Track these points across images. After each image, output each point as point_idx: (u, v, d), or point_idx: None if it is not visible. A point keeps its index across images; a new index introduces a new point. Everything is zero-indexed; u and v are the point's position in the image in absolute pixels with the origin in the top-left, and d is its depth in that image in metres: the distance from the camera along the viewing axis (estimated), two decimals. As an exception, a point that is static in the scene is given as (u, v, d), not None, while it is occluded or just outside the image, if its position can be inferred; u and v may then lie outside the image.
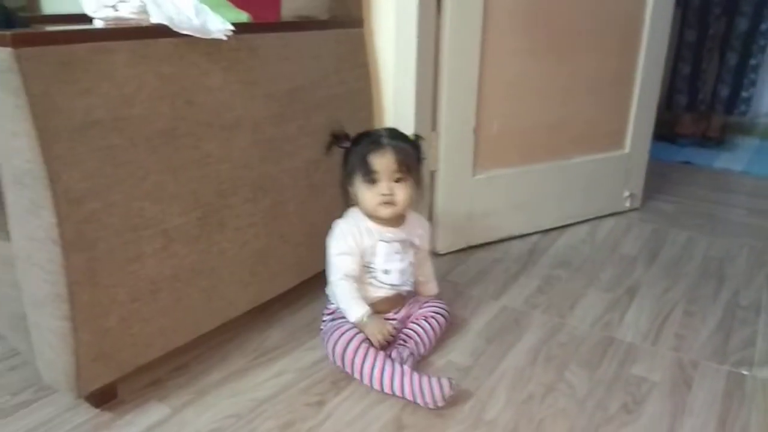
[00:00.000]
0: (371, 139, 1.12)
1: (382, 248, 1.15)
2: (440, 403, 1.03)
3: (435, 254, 1.62)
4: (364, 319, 1.11)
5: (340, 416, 1.03)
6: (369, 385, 1.07)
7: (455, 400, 1.06)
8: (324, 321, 1.18)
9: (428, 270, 1.29)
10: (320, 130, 1.26)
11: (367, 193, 1.12)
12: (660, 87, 1.86)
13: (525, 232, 1.74)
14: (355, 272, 1.13)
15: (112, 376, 1.02)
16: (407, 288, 1.20)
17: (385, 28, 1.39)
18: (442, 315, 1.22)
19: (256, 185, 1.15)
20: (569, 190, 1.77)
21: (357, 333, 1.10)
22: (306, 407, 1.05)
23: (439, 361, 1.18)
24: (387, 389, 1.06)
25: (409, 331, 1.18)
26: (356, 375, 1.09)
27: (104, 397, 1.05)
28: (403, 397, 1.05)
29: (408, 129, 1.45)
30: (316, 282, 1.37)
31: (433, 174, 1.57)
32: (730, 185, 2.27)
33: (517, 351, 1.22)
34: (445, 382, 1.03)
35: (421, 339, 1.16)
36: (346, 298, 1.12)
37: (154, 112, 0.96)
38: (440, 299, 1.27)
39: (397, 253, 1.16)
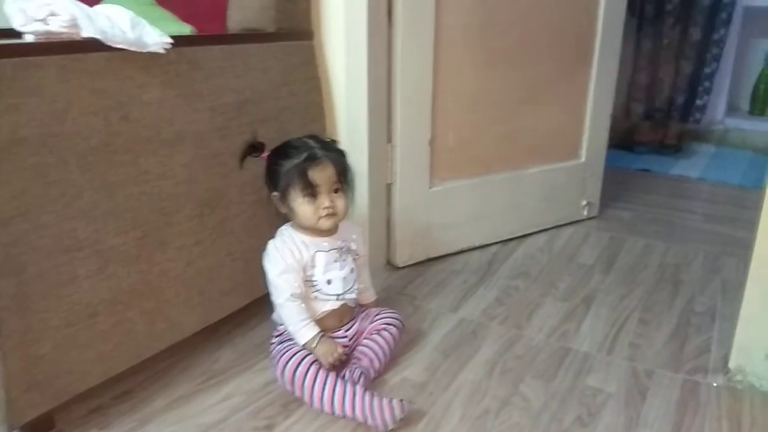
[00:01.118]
0: (305, 151, 1.07)
1: (320, 258, 1.11)
2: (390, 426, 1.00)
3: (393, 267, 1.60)
4: (315, 342, 1.08)
5: (289, 440, 1.00)
6: (320, 407, 1.04)
7: (409, 418, 1.03)
8: (273, 343, 1.14)
9: (366, 276, 1.25)
10: (270, 143, 1.23)
11: (307, 208, 1.08)
12: (614, 96, 1.88)
13: (484, 242, 1.73)
14: (300, 289, 1.09)
15: (47, 406, 0.96)
16: (353, 296, 1.17)
17: (336, 41, 1.38)
18: (395, 326, 1.18)
19: (202, 201, 1.11)
20: (527, 200, 1.77)
21: (306, 355, 1.06)
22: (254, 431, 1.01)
23: (393, 378, 1.15)
24: (338, 411, 1.03)
25: (363, 348, 1.15)
26: (306, 398, 1.05)
27: (40, 428, 1.00)
28: (354, 419, 1.02)
29: (362, 141, 1.44)
30: (267, 300, 1.34)
31: (389, 186, 1.55)
32: (687, 192, 2.31)
33: (473, 364, 1.20)
34: (396, 404, 1.01)
35: (376, 355, 1.14)
36: (295, 320, 1.08)
37: (88, 128, 0.92)
38: (392, 309, 1.24)
39: (335, 261, 1.13)
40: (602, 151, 1.89)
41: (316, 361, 1.06)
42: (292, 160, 1.07)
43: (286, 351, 1.08)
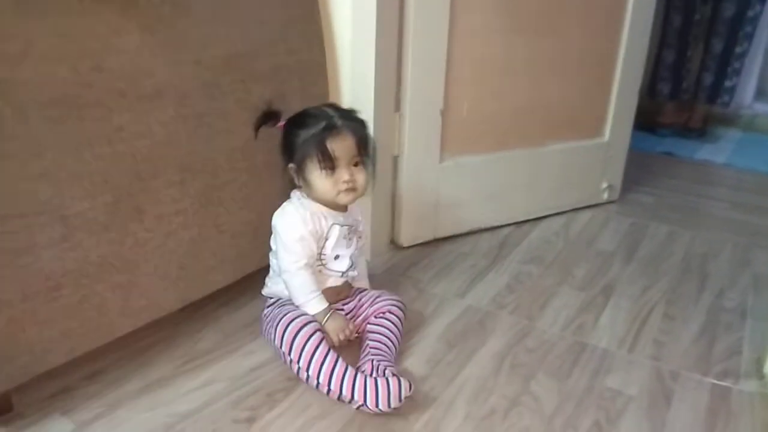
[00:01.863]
0: (324, 121, 0.99)
1: (334, 232, 1.04)
2: (396, 404, 0.91)
3: (398, 247, 1.49)
4: (326, 315, 1.01)
5: (272, 436, 0.89)
6: (315, 380, 0.94)
7: (407, 415, 0.93)
8: (265, 314, 1.06)
9: (362, 264, 1.18)
10: (264, 105, 1.11)
11: (326, 182, 1.00)
12: (643, 72, 1.73)
13: (495, 224, 1.61)
14: (313, 259, 1.03)
15: (2, 387, 0.86)
16: (354, 274, 1.11)
17: (342, -6, 1.24)
18: (399, 308, 1.10)
19: (183, 166, 0.99)
20: (543, 180, 1.64)
21: (310, 321, 0.99)
22: (233, 425, 0.91)
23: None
24: (335, 387, 0.93)
25: (374, 335, 1.05)
26: (303, 366, 0.95)
27: (-4, 411, 0.90)
28: (353, 397, 0.92)
29: (368, 109, 1.31)
30: (259, 277, 1.23)
31: (396, 159, 1.43)
32: (712, 178, 2.17)
33: (480, 357, 1.09)
34: (404, 381, 0.92)
35: (390, 341, 1.05)
36: (306, 290, 1.01)
37: (51, 76, 0.80)
38: (392, 293, 1.14)
39: (344, 238, 1.07)
40: (627, 131, 1.76)
41: (320, 329, 0.98)
42: (310, 129, 0.99)
43: (286, 314, 1.00)
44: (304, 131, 0.99)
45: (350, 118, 1.02)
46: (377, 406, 0.91)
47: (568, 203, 1.73)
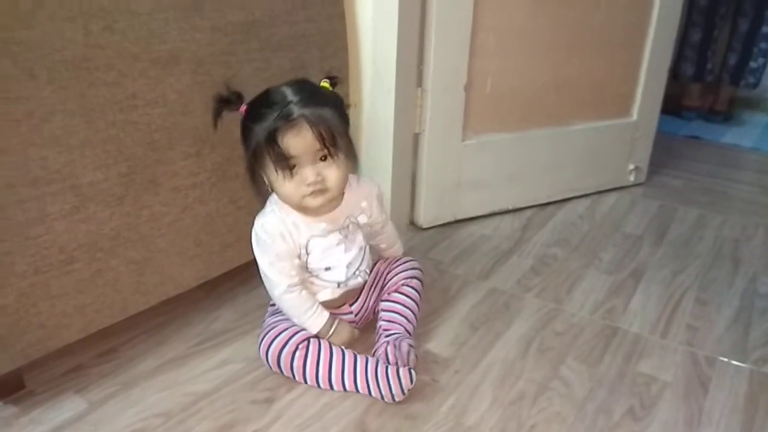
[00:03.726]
0: (275, 107, 0.80)
1: (316, 245, 0.91)
2: (399, 398, 0.87)
3: (417, 228, 1.44)
4: (329, 329, 0.93)
5: (291, 418, 0.85)
6: (317, 386, 0.90)
7: (431, 398, 0.89)
8: (267, 312, 1.00)
9: (390, 236, 1.07)
10: (284, 75, 1.06)
11: (287, 185, 0.83)
12: (673, 50, 1.67)
13: (518, 205, 1.56)
14: (297, 277, 0.91)
15: (14, 364, 0.83)
16: (358, 281, 0.97)
17: (364, -39, 1.19)
18: (416, 277, 1.03)
19: (200, 138, 0.95)
20: (569, 161, 1.59)
21: (292, 336, 0.90)
22: (251, 405, 0.87)
23: (420, 346, 1.00)
24: (338, 388, 0.89)
25: (387, 314, 0.99)
26: (299, 379, 0.91)
27: (7, 388, 0.88)
28: (356, 391, 0.89)
29: (389, 84, 1.27)
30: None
31: (417, 137, 1.38)
32: (740, 162, 2.10)
33: (506, 341, 1.04)
34: (403, 373, 0.87)
35: (407, 319, 0.98)
36: (298, 312, 0.91)
37: (61, 36, 0.76)
38: (409, 257, 1.08)
39: (338, 244, 0.92)
40: (656, 110, 1.69)
41: (306, 339, 0.90)
42: (262, 122, 0.80)
43: (267, 333, 0.92)
44: (257, 124, 0.81)
45: (311, 100, 0.81)
46: (381, 398, 0.87)
47: (594, 185, 1.67)
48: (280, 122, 0.80)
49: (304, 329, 0.91)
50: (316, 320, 0.92)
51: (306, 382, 0.90)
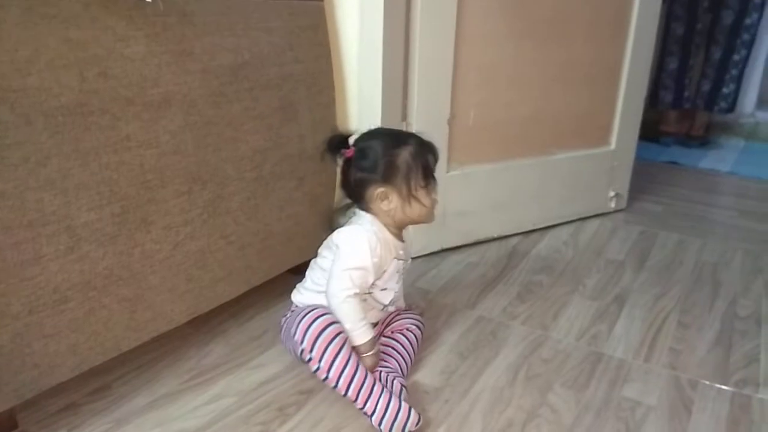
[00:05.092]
0: (410, 138, 0.99)
1: (392, 266, 1.01)
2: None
3: (405, 258, 1.47)
4: (370, 348, 0.97)
5: (284, 451, 0.87)
6: (334, 382, 0.91)
7: (422, 430, 0.90)
8: (285, 316, 1.04)
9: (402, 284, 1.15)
10: (271, 114, 1.10)
11: (427, 200, 0.99)
12: (648, 80, 1.73)
13: (503, 233, 1.60)
14: (365, 290, 0.99)
15: (7, 404, 0.84)
16: (391, 309, 1.08)
17: (348, 3, 1.23)
18: (418, 326, 1.09)
19: (192, 176, 0.98)
20: (551, 189, 1.63)
21: (334, 321, 0.94)
22: (244, 440, 0.88)
23: (408, 378, 1.02)
24: (352, 395, 0.90)
25: (390, 348, 1.03)
26: (323, 365, 0.91)
27: (1, 428, 0.88)
28: (363, 409, 0.89)
29: (375, 117, 1.30)
30: (267, 289, 1.21)
31: (402, 169, 1.41)
32: (719, 186, 2.16)
33: (494, 369, 1.06)
34: (414, 413, 0.88)
35: (403, 358, 1.02)
36: (355, 318, 0.96)
37: (57, 83, 0.79)
38: (412, 310, 1.14)
39: (397, 271, 1.03)
40: (633, 139, 1.75)
41: (342, 332, 0.94)
42: (408, 146, 0.97)
43: (311, 311, 0.96)
44: (403, 149, 0.96)
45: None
46: (380, 425, 0.88)
47: (576, 212, 1.72)
48: (425, 146, 0.99)
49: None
50: (366, 332, 0.96)
51: (328, 374, 0.91)
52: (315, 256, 1.07)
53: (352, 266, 0.95)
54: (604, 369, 1.07)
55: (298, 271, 1.32)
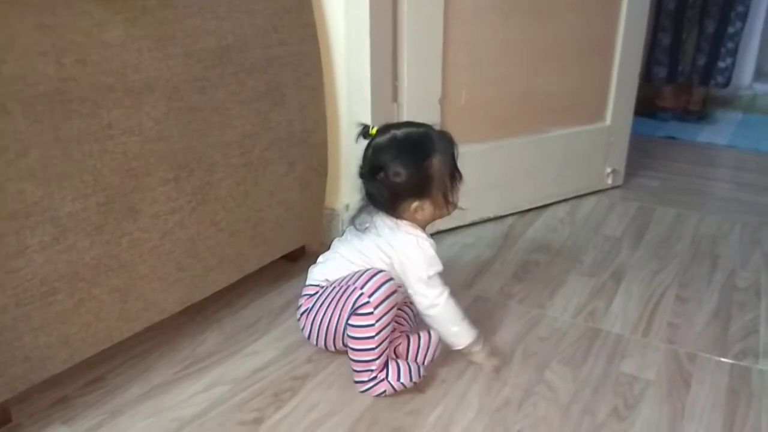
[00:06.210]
0: (432, 135, 0.96)
1: None
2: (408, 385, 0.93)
3: (400, 241, 1.45)
4: (480, 343, 0.98)
5: (280, 436, 0.86)
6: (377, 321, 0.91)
7: (419, 409, 0.90)
8: (306, 296, 1.02)
9: None
10: (258, 98, 1.08)
11: (456, 197, 0.99)
12: (642, 55, 1.71)
13: (499, 213, 1.58)
14: None
15: (0, 397, 0.83)
16: None
17: (334, -18, 1.21)
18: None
19: (178, 163, 0.96)
20: (546, 167, 1.61)
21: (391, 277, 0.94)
22: (239, 427, 0.88)
23: (400, 363, 1.01)
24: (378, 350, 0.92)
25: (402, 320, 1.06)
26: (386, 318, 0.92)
27: (-6, 423, 0.87)
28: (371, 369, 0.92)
29: (365, 99, 1.28)
30: (261, 277, 1.20)
31: (395, 151, 1.39)
32: (717, 159, 2.14)
33: (491, 348, 1.05)
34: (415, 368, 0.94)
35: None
36: (458, 317, 0.96)
37: (34, 71, 0.77)
38: None
39: None
40: (629, 114, 1.73)
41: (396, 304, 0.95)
42: (436, 152, 0.95)
43: (381, 271, 0.95)
44: (433, 158, 0.94)
45: None
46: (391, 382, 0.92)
47: (573, 190, 1.70)
48: (451, 142, 0.97)
49: None
50: (471, 328, 0.97)
51: (382, 327, 0.91)
52: (308, 241, 1.06)
53: (433, 273, 0.96)
54: (601, 345, 1.06)
55: (292, 258, 1.32)
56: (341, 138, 1.33)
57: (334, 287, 0.97)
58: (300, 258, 1.34)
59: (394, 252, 0.96)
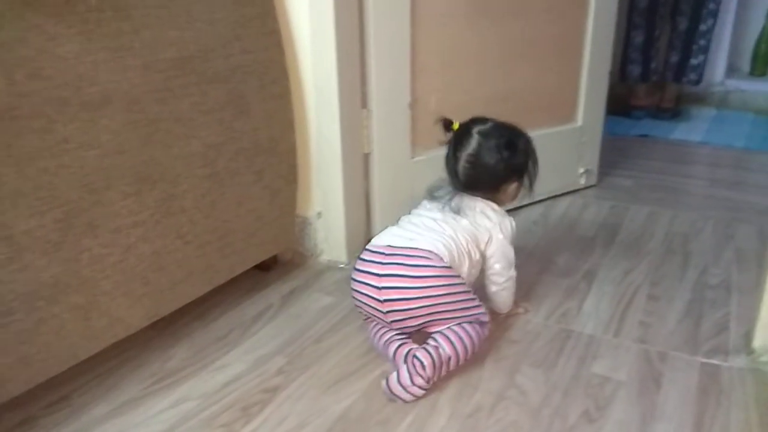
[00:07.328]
0: (514, 128, 1.11)
1: None
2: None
3: (374, 247, 1.45)
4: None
5: (248, 451, 0.85)
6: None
7: (390, 418, 0.89)
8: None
9: None
10: (222, 107, 1.07)
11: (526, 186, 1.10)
12: (611, 53, 1.71)
13: (474, 216, 1.58)
14: None
15: (-43, 423, 0.81)
16: None
17: (297, -11, 1.20)
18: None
19: (139, 176, 0.95)
20: (520, 169, 1.61)
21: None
22: (207, 443, 0.87)
23: (371, 371, 1.00)
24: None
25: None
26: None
27: (-46, 448, 0.85)
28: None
29: (334, 106, 1.28)
30: (233, 288, 1.19)
31: (367, 157, 1.39)
32: (690, 157, 2.16)
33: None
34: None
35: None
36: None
37: (-17, 87, 0.76)
38: None
39: None
40: (600, 114, 1.74)
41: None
42: (525, 137, 1.10)
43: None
44: (530, 144, 1.12)
45: None
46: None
47: (546, 191, 1.70)
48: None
49: None
50: None
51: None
52: (281, 250, 1.06)
53: (511, 248, 1.07)
54: (573, 346, 1.06)
55: (265, 267, 1.31)
56: (311, 145, 1.32)
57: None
58: (273, 267, 1.33)
59: (495, 227, 1.04)
